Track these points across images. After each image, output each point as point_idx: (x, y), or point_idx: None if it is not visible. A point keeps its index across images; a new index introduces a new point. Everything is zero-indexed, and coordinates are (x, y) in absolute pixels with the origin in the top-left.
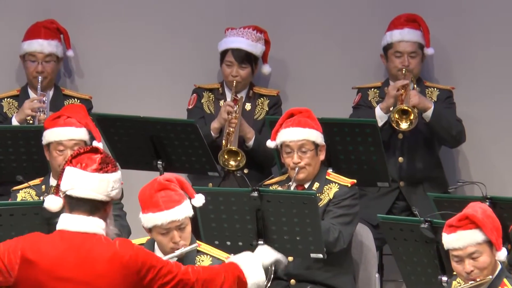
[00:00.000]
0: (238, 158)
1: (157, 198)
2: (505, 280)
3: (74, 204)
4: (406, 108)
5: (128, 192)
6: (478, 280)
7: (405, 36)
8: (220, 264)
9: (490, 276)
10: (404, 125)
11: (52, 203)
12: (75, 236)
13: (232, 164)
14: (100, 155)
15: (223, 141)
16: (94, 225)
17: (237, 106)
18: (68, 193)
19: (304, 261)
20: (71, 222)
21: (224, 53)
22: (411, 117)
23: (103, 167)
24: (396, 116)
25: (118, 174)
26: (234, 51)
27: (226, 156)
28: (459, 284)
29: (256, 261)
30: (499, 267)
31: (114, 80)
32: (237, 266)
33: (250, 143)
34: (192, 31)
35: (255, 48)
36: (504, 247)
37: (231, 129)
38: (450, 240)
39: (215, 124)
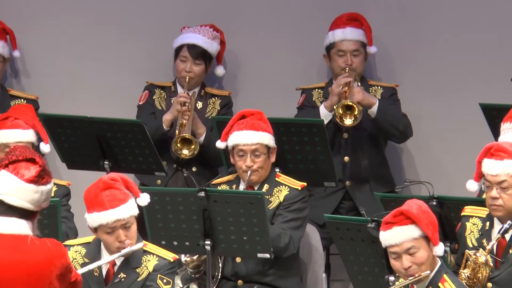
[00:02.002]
0: (192, 147)
1: (102, 197)
2: (445, 275)
3: (5, 209)
4: (350, 103)
5: (75, 193)
6: (416, 275)
7: (348, 35)
8: None
9: (428, 271)
10: (348, 121)
11: None
12: (8, 239)
13: (185, 153)
14: (39, 167)
15: (176, 132)
16: (24, 227)
17: (190, 99)
18: (0, 197)
19: (252, 261)
20: (3, 225)
21: (179, 49)
22: (355, 113)
23: (40, 179)
24: (340, 111)
25: (51, 185)
26: (190, 46)
27: (179, 145)
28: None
29: None
30: (439, 263)
31: (61, 80)
32: None
33: (201, 139)
34: (141, 30)
35: (211, 46)
36: (451, 247)
37: (184, 121)
38: (387, 237)
39: (167, 116)
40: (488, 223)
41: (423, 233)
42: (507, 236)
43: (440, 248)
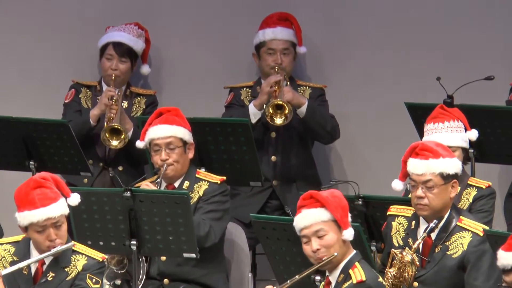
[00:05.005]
0: (122, 137)
1: (32, 196)
2: (356, 263)
3: None
4: (281, 103)
5: (0, 193)
6: (324, 259)
7: (278, 34)
8: None
9: (336, 253)
10: (278, 121)
11: None
12: None
13: (114, 144)
14: None
15: (105, 125)
16: None
17: (117, 94)
18: None
19: (177, 260)
20: None
21: (104, 47)
22: (286, 112)
23: None
24: (271, 111)
25: None
26: (115, 44)
27: (107, 135)
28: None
29: None
30: (353, 252)
31: None
32: None
33: (129, 134)
34: (65, 29)
35: (136, 43)
36: (377, 246)
37: (112, 115)
38: (298, 220)
39: (94, 111)
40: (414, 222)
41: (332, 216)
42: (433, 235)
43: (349, 232)
